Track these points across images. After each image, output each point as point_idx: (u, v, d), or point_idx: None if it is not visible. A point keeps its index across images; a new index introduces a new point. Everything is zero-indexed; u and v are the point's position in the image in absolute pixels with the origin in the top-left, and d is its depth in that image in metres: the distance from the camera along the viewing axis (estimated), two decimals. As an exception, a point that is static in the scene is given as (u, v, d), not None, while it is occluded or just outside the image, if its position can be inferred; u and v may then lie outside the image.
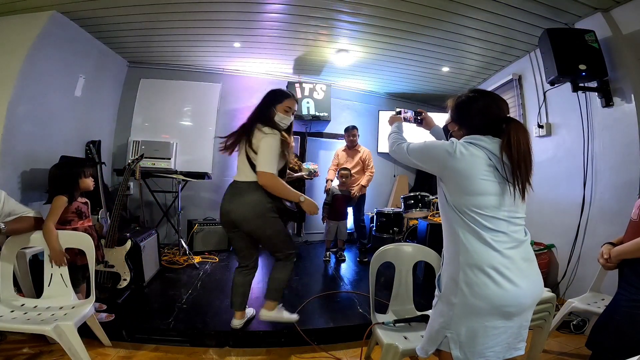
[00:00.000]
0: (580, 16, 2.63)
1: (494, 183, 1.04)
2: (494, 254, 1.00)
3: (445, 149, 1.09)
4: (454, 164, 1.06)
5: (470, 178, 1.04)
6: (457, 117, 1.21)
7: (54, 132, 3.00)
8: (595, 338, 1.37)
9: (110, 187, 3.92)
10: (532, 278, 1.05)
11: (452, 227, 1.08)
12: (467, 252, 1.02)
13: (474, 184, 1.04)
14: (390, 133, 1.43)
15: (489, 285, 0.98)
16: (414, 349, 1.45)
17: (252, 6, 2.85)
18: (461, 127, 1.20)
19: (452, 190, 1.09)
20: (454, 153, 1.06)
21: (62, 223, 1.85)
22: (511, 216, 1.05)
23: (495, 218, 1.03)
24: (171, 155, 3.93)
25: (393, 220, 3.98)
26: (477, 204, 1.03)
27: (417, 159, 1.20)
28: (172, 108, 4.31)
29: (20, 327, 1.54)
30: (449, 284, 1.07)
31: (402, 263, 1.80)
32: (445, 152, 1.08)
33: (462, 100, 1.19)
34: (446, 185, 1.11)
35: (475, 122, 1.14)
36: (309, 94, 4.46)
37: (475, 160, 1.05)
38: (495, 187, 1.04)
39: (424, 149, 1.19)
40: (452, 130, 1.25)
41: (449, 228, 1.11)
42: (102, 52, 3.62)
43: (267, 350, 1.99)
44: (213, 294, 2.59)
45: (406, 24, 2.99)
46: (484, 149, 1.07)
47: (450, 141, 1.12)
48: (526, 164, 1.04)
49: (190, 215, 4.21)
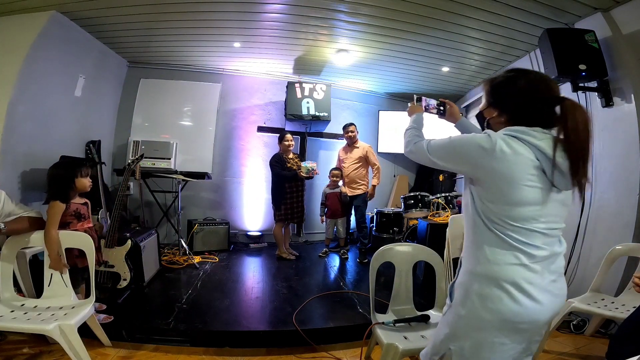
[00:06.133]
0: (580, 16, 2.63)
1: (538, 190, 0.86)
2: (519, 269, 0.86)
3: (480, 144, 0.88)
4: (491, 164, 0.86)
5: (510, 184, 0.85)
6: (496, 100, 0.99)
7: (54, 132, 3.00)
8: (618, 349, 1.28)
9: (110, 187, 3.92)
10: (556, 293, 0.90)
11: (476, 235, 0.93)
12: (488, 263, 0.89)
13: (514, 192, 0.85)
14: (407, 129, 1.19)
15: (503, 299, 0.86)
16: (414, 349, 1.46)
17: (252, 6, 2.86)
18: (502, 113, 0.97)
19: (485, 195, 0.90)
20: (492, 150, 0.86)
21: (61, 226, 1.83)
22: (550, 227, 0.88)
23: (531, 231, 0.86)
24: (171, 155, 3.93)
25: (393, 220, 3.99)
26: (512, 215, 0.86)
27: (442, 158, 1.00)
28: (172, 108, 4.31)
29: (21, 327, 1.54)
30: (461, 294, 0.95)
31: (402, 263, 1.80)
32: (479, 147, 0.89)
33: (500, 81, 0.98)
34: (477, 189, 0.92)
35: (520, 106, 0.92)
36: (309, 94, 4.47)
37: (519, 160, 0.85)
38: (538, 195, 0.86)
39: (450, 145, 0.98)
40: (490, 117, 1.02)
41: (472, 235, 0.95)
42: (102, 52, 3.62)
43: (267, 350, 1.99)
44: (213, 294, 2.59)
45: (406, 24, 2.99)
46: (530, 145, 0.86)
47: (486, 134, 0.90)
48: (584, 158, 0.85)
49: (190, 215, 4.21)
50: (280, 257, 3.71)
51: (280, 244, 3.74)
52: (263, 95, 4.66)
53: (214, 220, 4.05)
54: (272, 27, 3.21)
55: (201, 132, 4.38)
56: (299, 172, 3.55)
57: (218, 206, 4.49)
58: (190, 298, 2.49)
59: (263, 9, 2.91)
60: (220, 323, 2.13)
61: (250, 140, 4.61)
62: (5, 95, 2.49)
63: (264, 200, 4.53)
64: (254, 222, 4.57)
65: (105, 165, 3.63)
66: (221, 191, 4.52)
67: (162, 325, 2.04)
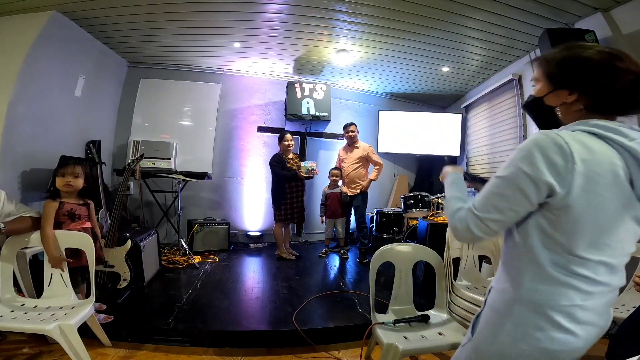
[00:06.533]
0: (580, 16, 2.63)
1: (620, 208, 0.67)
2: (572, 303, 0.71)
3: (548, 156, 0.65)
4: (569, 181, 0.65)
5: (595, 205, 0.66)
6: (573, 79, 0.73)
7: (53, 132, 3.00)
8: (618, 349, 1.25)
9: (110, 187, 3.92)
10: (602, 325, 0.76)
11: (522, 263, 0.75)
12: (535, 292, 0.73)
13: (598, 216, 0.67)
14: (447, 199, 0.90)
15: (545, 328, 0.72)
16: (414, 349, 1.46)
17: (252, 6, 2.86)
18: (583, 95, 0.72)
19: (552, 222, 0.70)
20: (567, 160, 0.64)
21: (55, 226, 1.82)
22: (618, 255, 0.72)
23: (596, 263, 0.69)
24: (171, 155, 3.94)
25: (393, 220, 3.99)
26: (582, 244, 0.68)
27: (498, 209, 0.72)
28: (172, 108, 4.31)
29: (21, 327, 1.54)
30: (489, 325, 0.80)
31: (402, 263, 1.80)
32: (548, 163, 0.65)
33: (576, 54, 0.73)
34: (539, 216, 0.72)
35: (608, 84, 0.69)
36: (309, 94, 4.47)
37: (602, 170, 0.65)
38: (618, 214, 0.68)
39: (505, 181, 0.71)
40: (557, 104, 0.77)
41: (515, 262, 0.77)
42: (102, 52, 3.62)
43: (267, 350, 1.98)
44: (213, 294, 2.59)
45: (406, 24, 2.99)
46: (619, 147, 0.65)
47: (546, 136, 0.67)
48: None
49: (190, 215, 4.21)
50: (280, 257, 3.71)
51: (280, 244, 3.74)
52: (263, 95, 4.66)
53: (214, 220, 4.05)
54: (272, 27, 3.21)
55: (201, 132, 4.37)
56: (298, 172, 3.55)
57: (218, 206, 4.49)
58: (190, 298, 2.49)
59: (263, 9, 2.91)
60: (220, 323, 2.13)
61: (250, 140, 4.61)
62: (5, 95, 2.50)
63: (264, 200, 4.54)
64: (254, 222, 4.57)
65: (105, 165, 3.63)
66: (221, 191, 4.52)
67: (162, 325, 2.04)
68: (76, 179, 1.89)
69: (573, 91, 0.73)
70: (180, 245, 3.54)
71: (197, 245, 3.81)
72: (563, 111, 0.77)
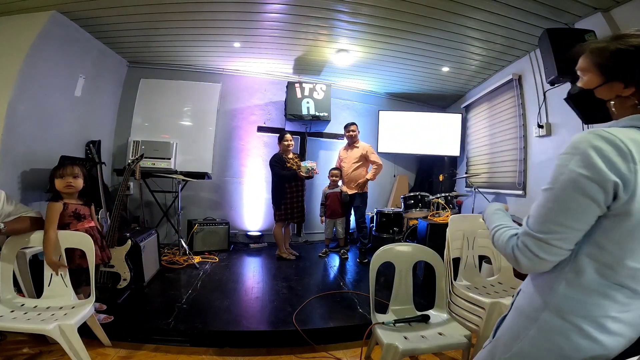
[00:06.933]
0: (580, 16, 2.63)
1: None
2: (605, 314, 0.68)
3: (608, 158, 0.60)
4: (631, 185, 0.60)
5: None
6: (627, 70, 0.68)
7: (53, 132, 3.00)
8: None
9: (110, 187, 3.92)
10: (630, 336, 0.71)
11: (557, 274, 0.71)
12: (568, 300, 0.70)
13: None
14: (493, 229, 0.84)
15: (571, 337, 0.69)
16: (414, 349, 1.46)
17: (252, 6, 2.86)
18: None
19: (608, 234, 0.66)
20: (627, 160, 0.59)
21: (62, 227, 1.84)
22: None
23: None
24: (171, 155, 3.94)
25: (393, 220, 3.99)
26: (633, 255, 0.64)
27: (562, 225, 0.66)
28: (172, 108, 4.31)
29: (20, 327, 1.54)
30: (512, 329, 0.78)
31: (402, 263, 1.80)
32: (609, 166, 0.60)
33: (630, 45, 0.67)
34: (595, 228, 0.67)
35: None
36: (309, 94, 4.47)
37: None
38: None
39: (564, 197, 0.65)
40: (610, 97, 0.72)
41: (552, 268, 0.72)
42: (102, 52, 3.62)
43: (267, 350, 1.98)
44: (213, 294, 2.59)
45: (406, 24, 2.99)
46: None
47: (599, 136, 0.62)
48: None
49: (190, 215, 4.22)
50: (280, 257, 3.71)
51: (280, 244, 3.74)
52: (263, 95, 4.66)
53: (214, 220, 4.05)
54: (272, 27, 3.21)
55: (201, 132, 4.37)
56: (298, 172, 3.55)
57: (218, 206, 4.49)
58: (190, 298, 2.49)
59: (263, 9, 2.91)
60: (220, 323, 2.13)
61: (250, 140, 4.61)
62: (5, 95, 2.50)
63: (264, 200, 4.54)
64: (254, 222, 4.57)
65: (105, 165, 3.63)
66: (221, 191, 4.52)
67: (162, 325, 2.04)
68: (76, 179, 1.90)
69: (629, 84, 0.68)
70: (180, 245, 3.54)
71: (197, 245, 3.81)
72: (617, 105, 0.71)
